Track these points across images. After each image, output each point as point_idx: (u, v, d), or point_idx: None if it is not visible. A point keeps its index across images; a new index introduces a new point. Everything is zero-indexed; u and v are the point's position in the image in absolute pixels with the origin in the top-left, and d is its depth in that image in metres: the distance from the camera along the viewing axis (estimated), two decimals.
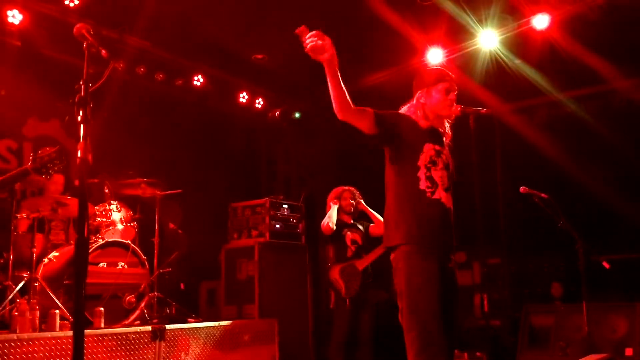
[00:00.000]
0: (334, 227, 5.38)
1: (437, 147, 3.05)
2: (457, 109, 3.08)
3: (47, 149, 3.27)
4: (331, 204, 5.51)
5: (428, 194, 2.97)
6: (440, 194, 2.99)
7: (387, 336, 5.97)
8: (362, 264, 5.28)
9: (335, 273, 5.28)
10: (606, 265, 5.04)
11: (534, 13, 5.87)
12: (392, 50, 6.55)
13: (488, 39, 6.24)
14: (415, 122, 3.10)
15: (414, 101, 3.15)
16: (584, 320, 4.81)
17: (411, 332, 2.84)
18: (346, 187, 5.61)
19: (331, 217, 5.40)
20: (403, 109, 3.19)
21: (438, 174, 3.00)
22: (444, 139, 3.16)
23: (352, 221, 5.57)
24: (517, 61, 6.42)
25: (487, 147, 3.08)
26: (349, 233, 5.43)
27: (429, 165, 2.99)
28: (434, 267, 2.88)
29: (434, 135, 3.10)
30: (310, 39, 2.78)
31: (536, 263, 7.09)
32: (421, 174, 2.98)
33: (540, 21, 5.89)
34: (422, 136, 3.04)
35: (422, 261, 2.88)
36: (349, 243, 5.38)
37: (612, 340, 5.59)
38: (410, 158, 3.00)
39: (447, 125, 3.18)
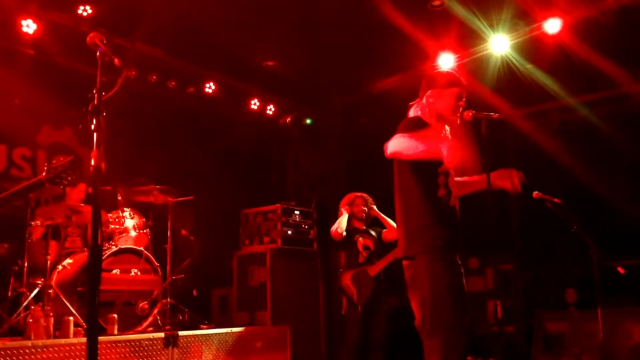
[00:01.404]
0: (344, 234, 5.37)
1: None
2: (468, 114, 3.06)
3: (61, 159, 3.31)
4: (343, 210, 5.50)
5: (444, 201, 2.98)
6: (454, 201, 3.01)
7: (399, 342, 5.96)
8: (374, 270, 5.26)
9: (346, 279, 5.27)
10: (621, 270, 4.99)
11: (545, 17, 5.85)
12: (403, 55, 6.56)
13: (499, 44, 6.22)
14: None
15: (423, 100, 3.13)
16: (598, 327, 4.76)
17: (434, 338, 2.82)
18: (358, 193, 5.60)
19: (340, 223, 5.39)
20: (413, 110, 3.17)
21: (451, 181, 3.01)
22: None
23: (364, 227, 5.55)
24: (529, 66, 6.39)
25: (499, 153, 3.05)
26: (360, 239, 5.42)
27: (447, 172, 2.99)
28: (456, 273, 2.90)
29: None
30: None
31: (550, 269, 7.03)
32: (440, 180, 2.98)
33: (552, 25, 5.86)
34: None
35: (444, 267, 2.89)
36: (360, 249, 5.37)
37: (627, 347, 5.53)
38: (431, 165, 2.98)
39: (446, 128, 3.16)
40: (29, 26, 5.53)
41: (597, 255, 4.61)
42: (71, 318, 4.35)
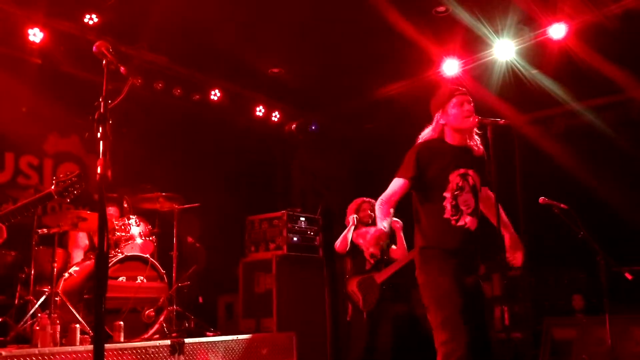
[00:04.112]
0: (347, 248, 5.34)
1: (462, 171, 3.10)
2: (474, 120, 3.08)
3: (69, 172, 3.39)
4: (350, 219, 5.43)
5: (452, 222, 3.06)
6: (465, 220, 3.06)
7: (407, 349, 5.93)
8: (380, 277, 5.24)
9: (353, 285, 5.25)
10: (629, 276, 4.95)
11: (550, 23, 5.85)
12: (408, 61, 6.56)
13: (504, 49, 6.22)
14: (441, 145, 3.16)
15: (434, 124, 3.21)
16: (606, 333, 4.73)
17: (433, 321, 2.98)
18: (366, 199, 5.55)
19: (347, 238, 5.35)
20: (425, 133, 3.24)
21: (463, 200, 3.07)
22: (473, 153, 3.17)
23: None
24: (534, 71, 6.38)
25: (505, 158, 3.06)
26: None
27: (456, 193, 3.05)
28: (450, 267, 3.00)
29: (459, 156, 3.13)
30: None
31: (557, 275, 7.01)
32: (447, 203, 3.07)
33: (557, 31, 5.86)
34: (448, 166, 3.10)
35: (437, 265, 3.03)
36: (367, 256, 5.35)
37: (636, 353, 5.49)
38: (436, 190, 3.10)
39: (476, 138, 3.20)
40: (35, 35, 5.57)
41: (605, 261, 4.59)
42: (78, 325, 4.36)
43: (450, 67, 6.58)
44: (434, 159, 3.11)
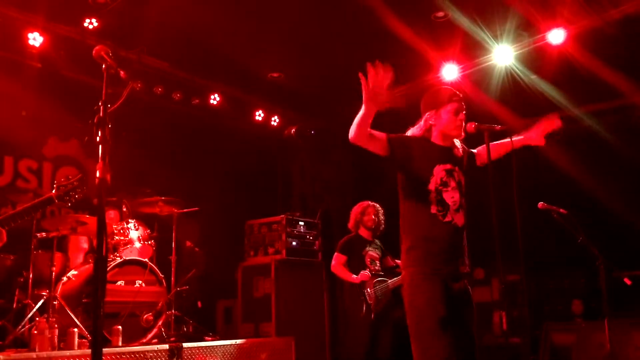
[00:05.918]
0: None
1: (448, 167, 3.05)
2: (471, 126, 3.06)
3: (70, 176, 3.39)
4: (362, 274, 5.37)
5: (439, 218, 2.98)
6: (452, 216, 3.00)
7: (406, 353, 5.92)
8: (394, 283, 5.24)
9: (370, 285, 5.23)
10: (628, 281, 4.95)
11: (549, 28, 5.86)
12: (407, 66, 6.56)
13: (503, 55, 6.23)
14: (427, 143, 3.11)
15: (422, 122, 3.16)
16: (606, 338, 4.72)
17: (415, 351, 2.89)
18: (371, 203, 5.55)
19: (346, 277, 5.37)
20: (412, 130, 3.20)
21: (449, 195, 3.01)
22: (456, 154, 3.15)
23: (372, 238, 5.50)
24: (533, 76, 6.39)
25: (503, 164, 3.06)
26: (370, 252, 5.39)
27: (440, 188, 3.00)
28: (437, 287, 2.89)
29: (445, 154, 3.10)
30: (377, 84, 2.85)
31: (556, 280, 6.99)
32: (432, 197, 2.99)
33: (556, 36, 5.87)
34: (433, 159, 3.05)
35: (423, 282, 2.92)
36: (368, 262, 5.33)
37: (635, 358, 5.48)
38: (420, 183, 3.02)
39: (457, 142, 3.18)
40: (35, 39, 5.59)
41: (604, 266, 4.58)
42: (76, 330, 4.36)
43: (450, 72, 6.59)
44: (420, 149, 3.06)
